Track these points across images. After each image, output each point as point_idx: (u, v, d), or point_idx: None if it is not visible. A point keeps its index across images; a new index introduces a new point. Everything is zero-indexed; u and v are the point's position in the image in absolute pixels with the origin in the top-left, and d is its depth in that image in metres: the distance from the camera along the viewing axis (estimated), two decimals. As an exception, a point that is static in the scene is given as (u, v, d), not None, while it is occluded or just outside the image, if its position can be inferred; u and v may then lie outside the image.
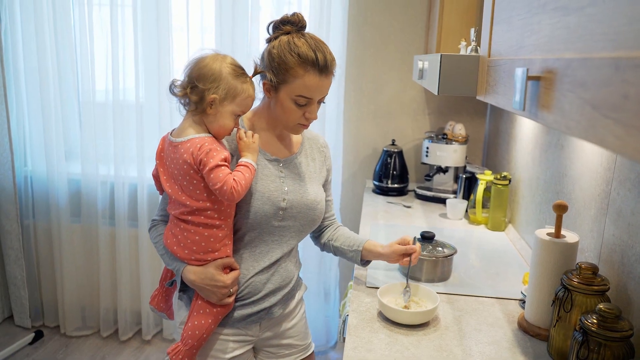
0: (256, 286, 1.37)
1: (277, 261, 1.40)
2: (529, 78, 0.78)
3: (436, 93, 1.40)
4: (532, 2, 0.85)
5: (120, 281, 2.91)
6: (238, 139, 1.32)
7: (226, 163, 1.24)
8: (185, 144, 1.25)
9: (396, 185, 2.61)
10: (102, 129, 2.79)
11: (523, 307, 1.46)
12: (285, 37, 1.29)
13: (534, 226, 1.85)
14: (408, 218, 2.28)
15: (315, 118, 1.33)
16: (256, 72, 1.33)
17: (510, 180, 2.10)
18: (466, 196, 2.37)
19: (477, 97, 1.27)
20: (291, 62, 1.26)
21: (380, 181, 2.63)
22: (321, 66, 1.26)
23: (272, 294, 1.40)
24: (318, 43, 1.29)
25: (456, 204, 2.28)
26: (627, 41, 0.51)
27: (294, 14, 1.32)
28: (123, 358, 2.81)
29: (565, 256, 1.26)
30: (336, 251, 1.58)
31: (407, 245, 1.48)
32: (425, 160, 2.56)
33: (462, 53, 1.75)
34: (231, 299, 1.33)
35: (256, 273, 1.37)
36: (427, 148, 2.53)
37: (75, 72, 2.78)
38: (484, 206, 2.19)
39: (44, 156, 2.84)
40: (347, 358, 1.20)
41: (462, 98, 2.70)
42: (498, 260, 1.83)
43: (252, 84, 1.31)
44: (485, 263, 1.80)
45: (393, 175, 2.60)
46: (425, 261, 1.61)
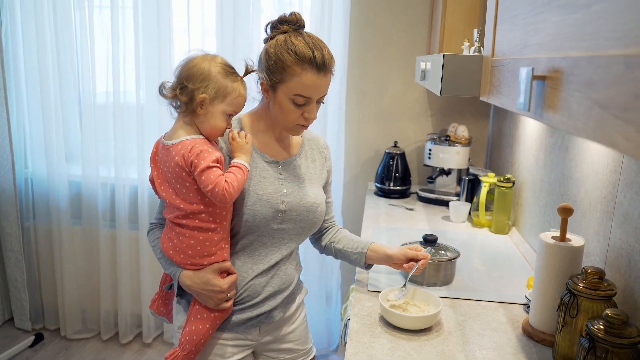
0: (255, 289, 1.35)
1: (277, 264, 1.38)
2: (534, 78, 0.76)
3: (439, 94, 1.38)
4: (537, 1, 0.83)
5: (120, 284, 2.90)
6: (231, 140, 1.30)
7: (218, 164, 1.22)
8: (176, 147, 1.23)
9: (398, 187, 2.59)
10: (103, 131, 2.78)
11: (527, 312, 1.43)
12: (282, 36, 1.27)
13: (538, 229, 1.83)
14: (410, 221, 2.26)
15: (314, 118, 1.31)
16: (247, 72, 1.31)
17: (513, 182, 2.08)
18: (469, 199, 2.35)
19: (481, 98, 1.24)
20: (288, 61, 1.24)
21: (382, 183, 2.60)
22: (319, 64, 1.24)
23: (272, 297, 1.38)
24: (316, 41, 1.27)
25: (459, 207, 2.26)
26: (638, 38, 0.49)
27: (292, 14, 1.29)
28: (123, 361, 2.80)
29: (570, 260, 1.23)
30: (338, 254, 1.55)
31: (419, 251, 1.47)
32: (427, 162, 2.54)
33: (465, 54, 1.73)
34: (229, 304, 1.31)
35: (255, 276, 1.35)
36: (430, 150, 2.51)
37: (75, 74, 2.77)
38: (487, 209, 2.17)
39: (45, 158, 2.83)
40: (348, 364, 1.18)
41: (465, 99, 2.68)
42: (502, 263, 1.81)
43: (243, 83, 1.29)
44: (488, 266, 1.78)
45: (395, 177, 2.58)
46: (428, 265, 1.58)
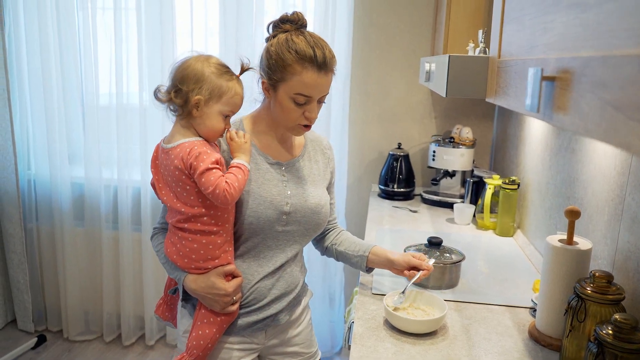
0: (261, 292, 1.34)
1: (282, 266, 1.37)
2: (544, 78, 0.74)
3: (444, 95, 1.37)
4: (545, 0, 0.82)
5: (123, 285, 2.89)
6: (229, 140, 1.29)
7: (217, 166, 1.21)
8: (175, 150, 1.22)
9: (402, 189, 2.57)
10: (106, 133, 2.78)
11: (534, 316, 1.42)
12: (283, 35, 1.26)
13: (544, 232, 1.81)
14: (414, 223, 2.24)
15: (315, 117, 1.29)
16: (243, 70, 1.30)
17: (519, 184, 2.06)
18: (473, 201, 2.33)
19: (487, 99, 1.23)
20: (289, 59, 1.23)
21: (386, 185, 2.59)
22: (320, 63, 1.23)
23: (278, 300, 1.37)
24: (317, 40, 1.26)
25: (463, 209, 2.24)
26: (653, 37, 0.48)
27: (294, 13, 1.29)
28: (126, 364, 2.79)
29: (577, 263, 1.21)
30: (339, 256, 1.54)
31: (423, 261, 1.46)
32: (431, 164, 2.53)
33: (470, 55, 1.71)
34: (235, 307, 1.30)
35: (261, 279, 1.34)
36: (434, 152, 2.49)
37: (78, 76, 2.77)
38: (492, 211, 2.15)
39: (47, 160, 2.83)
40: (352, 368, 1.17)
41: (470, 101, 2.66)
42: (507, 266, 1.79)
43: (239, 82, 1.28)
44: (493, 269, 1.76)
45: (399, 179, 2.57)
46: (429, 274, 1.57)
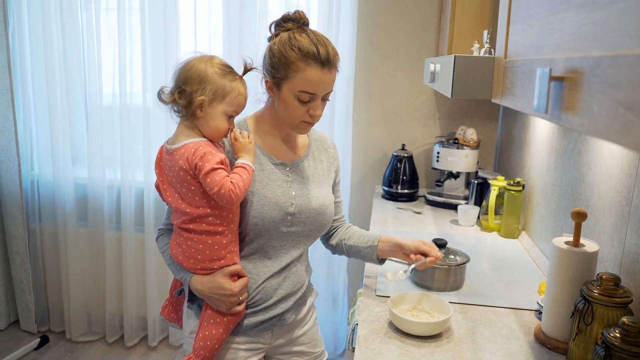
0: (267, 292, 1.34)
1: (288, 266, 1.37)
2: (552, 79, 0.73)
3: (449, 96, 1.36)
4: (554, -1, 0.81)
5: (126, 286, 2.89)
6: (233, 140, 1.28)
7: (222, 166, 1.21)
8: (179, 150, 1.22)
9: (406, 190, 2.56)
10: (109, 133, 2.78)
11: (539, 318, 1.40)
12: (285, 34, 1.27)
13: (549, 234, 1.80)
14: (418, 224, 2.23)
15: (319, 115, 1.28)
16: (246, 70, 1.30)
17: (524, 186, 2.05)
18: (478, 202, 2.32)
19: (493, 100, 1.22)
20: (292, 57, 1.23)
21: (389, 186, 2.58)
22: (323, 59, 1.23)
23: (284, 300, 1.37)
24: (320, 38, 1.26)
25: (468, 210, 2.23)
26: (667, 36, 0.47)
27: (296, 12, 1.29)
28: (128, 364, 2.78)
29: (584, 266, 1.20)
30: (349, 250, 1.52)
31: (433, 250, 1.43)
32: (435, 165, 2.52)
33: (476, 55, 1.70)
34: (241, 307, 1.29)
35: (267, 278, 1.34)
36: (438, 153, 2.48)
37: (82, 76, 2.77)
38: (497, 213, 2.14)
39: (51, 160, 2.83)
40: (357, 371, 1.16)
41: (474, 102, 2.65)
42: (512, 268, 1.78)
43: (243, 82, 1.28)
44: (498, 271, 1.75)
45: (403, 180, 2.56)
46: (437, 269, 1.56)
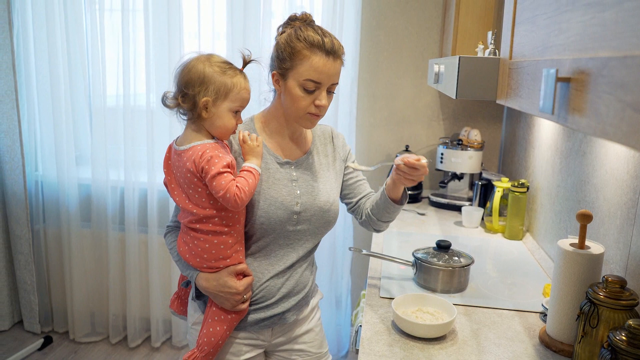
0: (270, 290, 1.36)
1: (293, 265, 1.38)
2: (559, 80, 0.73)
3: (454, 97, 1.36)
4: None
5: (129, 287, 2.89)
6: (242, 142, 1.29)
7: (229, 169, 1.22)
8: (187, 152, 1.24)
9: (410, 192, 2.56)
10: (113, 134, 2.78)
11: (544, 321, 1.40)
12: (291, 29, 1.29)
13: (554, 236, 1.79)
14: (422, 226, 2.23)
15: (324, 105, 1.29)
16: (245, 62, 1.31)
17: (528, 187, 2.04)
18: (482, 204, 2.31)
19: (498, 101, 1.21)
20: (298, 46, 1.25)
21: (393, 188, 2.57)
22: (328, 48, 1.25)
23: (286, 299, 1.38)
24: (326, 31, 1.29)
25: (472, 212, 2.22)
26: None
27: (302, 13, 1.32)
28: (132, 365, 2.78)
29: (589, 268, 1.19)
30: (372, 211, 1.44)
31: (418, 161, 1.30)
32: (439, 166, 2.51)
33: (480, 56, 1.69)
34: (245, 305, 1.32)
35: (271, 277, 1.36)
36: (442, 154, 2.48)
37: (86, 77, 2.78)
38: (501, 214, 2.13)
39: (55, 161, 2.83)
40: (361, 373, 1.15)
41: (478, 103, 2.64)
42: (516, 270, 1.77)
43: (244, 76, 1.29)
44: (503, 273, 1.74)
45: (406, 181, 2.55)
46: (441, 271, 1.55)
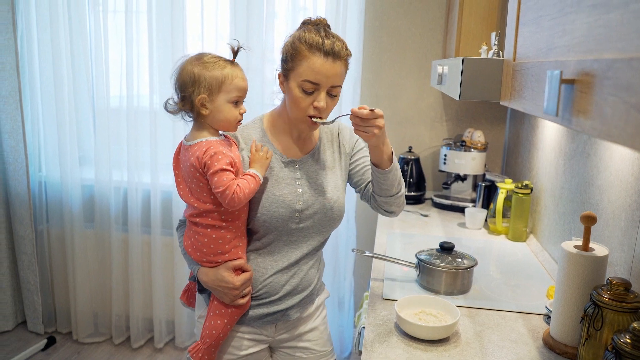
0: (274, 287, 1.38)
1: (297, 263, 1.39)
2: (563, 81, 0.72)
3: (458, 98, 1.35)
4: (565, 0, 0.80)
5: (132, 288, 2.89)
6: (253, 150, 1.33)
7: (231, 168, 1.25)
8: (193, 147, 1.28)
9: (413, 193, 2.55)
10: (116, 135, 2.79)
11: (548, 323, 1.39)
12: (298, 32, 1.31)
13: (558, 237, 1.78)
14: (425, 227, 2.22)
15: (323, 107, 1.28)
16: (235, 53, 1.31)
17: (532, 189, 2.03)
18: (485, 205, 2.31)
19: (501, 103, 1.21)
20: (299, 48, 1.26)
21: (396, 189, 2.57)
22: (327, 49, 1.25)
23: (289, 296, 1.39)
24: (330, 34, 1.29)
25: (475, 213, 2.21)
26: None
27: (317, 18, 1.33)
28: (134, 366, 2.78)
29: (594, 270, 1.19)
30: (372, 190, 1.41)
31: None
32: (442, 168, 2.50)
33: (483, 57, 1.69)
34: (244, 300, 1.34)
35: (274, 273, 1.37)
36: (445, 155, 2.47)
37: (89, 78, 2.78)
38: (504, 216, 2.12)
39: (58, 162, 2.84)
40: (364, 375, 1.15)
41: (481, 104, 2.64)
42: (520, 272, 1.76)
43: (235, 66, 1.30)
44: (506, 275, 1.73)
45: (410, 183, 2.55)
46: (444, 273, 1.55)
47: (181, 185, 1.32)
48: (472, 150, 2.42)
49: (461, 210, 2.40)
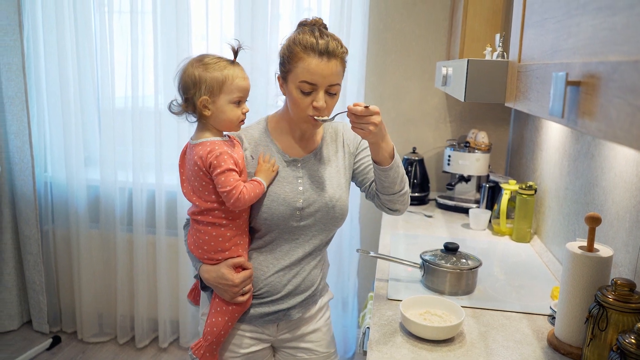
0: (275, 286, 1.38)
1: (299, 262, 1.40)
2: (569, 83, 0.73)
3: (462, 100, 1.36)
4: (570, 3, 0.80)
5: (137, 288, 2.90)
6: (261, 161, 1.35)
7: (236, 169, 1.28)
8: (197, 147, 1.30)
9: (417, 194, 2.56)
10: (121, 136, 2.80)
11: (552, 323, 1.40)
12: (294, 34, 1.32)
13: (562, 238, 1.79)
14: (429, 228, 2.23)
15: (321, 106, 1.29)
16: (235, 52, 1.33)
17: (536, 190, 2.04)
18: (489, 206, 2.31)
19: (506, 104, 1.22)
20: (294, 50, 1.28)
21: (400, 190, 2.57)
22: (321, 49, 1.26)
23: (291, 296, 1.40)
24: (325, 33, 1.29)
25: (479, 214, 2.22)
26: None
27: (313, 18, 1.34)
28: (139, 366, 2.80)
29: (598, 271, 1.19)
30: (377, 191, 1.40)
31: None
32: (446, 168, 2.51)
33: (488, 59, 1.70)
34: (244, 298, 1.35)
35: (276, 272, 1.38)
36: (449, 156, 2.48)
37: (95, 79, 2.80)
38: (509, 217, 2.13)
39: (64, 162, 2.86)
40: (369, 374, 1.16)
41: (485, 105, 2.64)
42: (524, 273, 1.77)
43: (236, 66, 1.31)
44: (510, 276, 1.74)
45: (414, 184, 2.55)
46: (449, 273, 1.56)
47: (185, 183, 1.35)
48: (476, 151, 2.42)
49: (465, 211, 2.41)
